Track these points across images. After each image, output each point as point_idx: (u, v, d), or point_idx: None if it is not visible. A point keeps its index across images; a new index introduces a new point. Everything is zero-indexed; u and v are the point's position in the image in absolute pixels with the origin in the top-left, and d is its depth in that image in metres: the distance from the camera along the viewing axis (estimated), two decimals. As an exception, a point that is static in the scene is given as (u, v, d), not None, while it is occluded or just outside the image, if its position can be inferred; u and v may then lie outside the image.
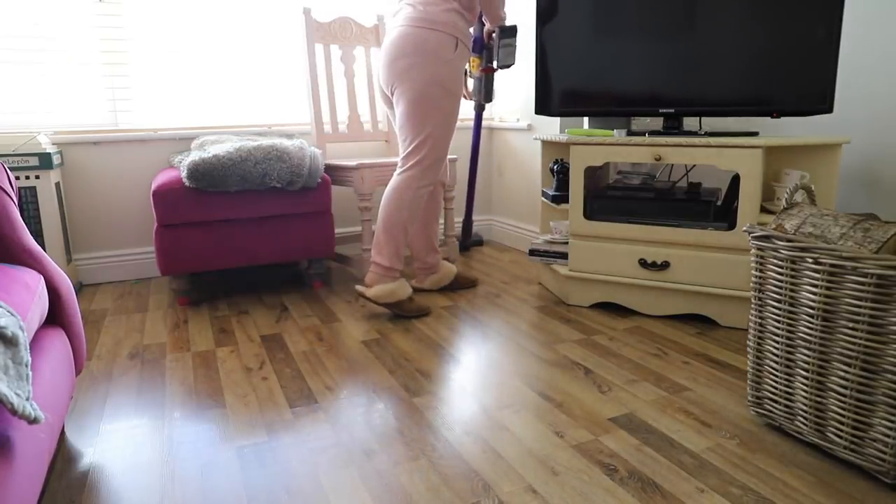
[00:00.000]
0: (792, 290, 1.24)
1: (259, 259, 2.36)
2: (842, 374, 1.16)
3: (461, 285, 2.48)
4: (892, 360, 1.08)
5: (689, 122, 2.49)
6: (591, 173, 2.27)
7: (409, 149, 2.08)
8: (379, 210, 2.18)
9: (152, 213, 2.72)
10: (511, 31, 2.29)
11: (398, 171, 2.11)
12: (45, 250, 2.25)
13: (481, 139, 3.37)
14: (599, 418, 1.41)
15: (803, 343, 1.23)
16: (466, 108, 3.37)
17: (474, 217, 3.46)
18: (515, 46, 2.33)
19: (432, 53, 1.98)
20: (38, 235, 2.32)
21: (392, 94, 2.11)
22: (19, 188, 2.26)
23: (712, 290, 1.96)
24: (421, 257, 2.39)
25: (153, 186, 2.19)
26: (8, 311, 0.90)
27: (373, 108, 2.90)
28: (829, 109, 1.84)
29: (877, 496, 1.11)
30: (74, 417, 1.47)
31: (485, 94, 2.66)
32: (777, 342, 1.29)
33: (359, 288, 2.11)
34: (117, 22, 2.57)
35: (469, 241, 3.22)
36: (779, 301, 1.27)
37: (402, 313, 2.13)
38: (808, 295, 1.21)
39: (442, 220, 3.29)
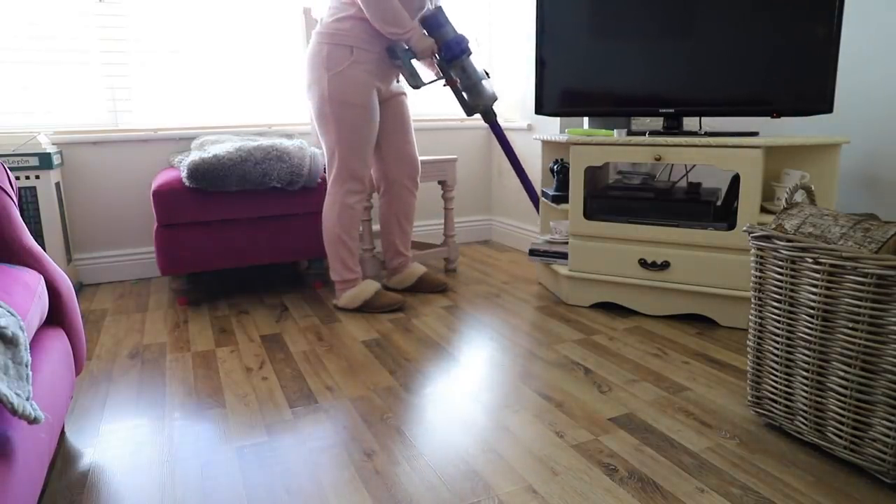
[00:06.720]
0: (792, 290, 1.24)
1: (259, 259, 2.36)
2: (842, 374, 1.16)
3: (429, 288, 2.42)
4: (891, 360, 1.08)
5: (689, 122, 2.49)
6: (591, 173, 2.27)
7: (325, 163, 2.22)
8: None
9: (152, 213, 2.72)
10: (392, 53, 2.03)
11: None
12: (45, 250, 2.25)
13: (483, 139, 3.37)
14: (599, 418, 1.41)
15: (803, 343, 1.23)
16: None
17: (477, 217, 3.45)
18: (412, 66, 2.02)
19: (322, 67, 2.04)
20: (38, 235, 2.32)
21: None
22: (19, 188, 2.26)
23: (712, 290, 1.96)
24: (387, 259, 2.43)
25: (153, 186, 2.19)
26: (8, 311, 0.90)
27: (373, 108, 2.90)
28: (829, 109, 1.84)
29: (877, 496, 1.11)
30: (74, 417, 1.47)
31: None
32: (777, 342, 1.29)
33: (334, 301, 2.28)
34: (117, 22, 2.57)
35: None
36: (779, 301, 1.27)
37: (374, 311, 2.20)
38: (808, 295, 1.21)
39: (441, 220, 3.29)
